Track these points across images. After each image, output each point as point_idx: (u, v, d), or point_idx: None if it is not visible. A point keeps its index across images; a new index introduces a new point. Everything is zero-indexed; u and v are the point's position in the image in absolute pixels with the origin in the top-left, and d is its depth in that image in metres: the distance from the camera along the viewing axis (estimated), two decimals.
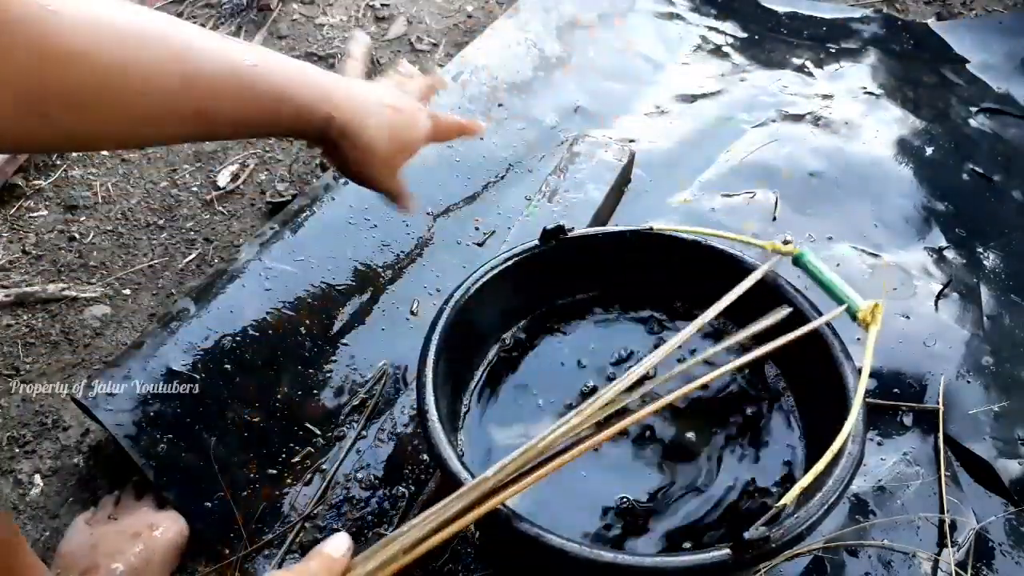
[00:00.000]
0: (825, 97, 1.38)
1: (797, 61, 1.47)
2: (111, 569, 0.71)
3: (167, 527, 0.76)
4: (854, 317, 0.69)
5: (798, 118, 1.33)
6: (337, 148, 0.62)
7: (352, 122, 0.60)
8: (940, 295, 1.04)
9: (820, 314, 0.73)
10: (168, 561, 0.75)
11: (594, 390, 0.78)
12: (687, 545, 0.67)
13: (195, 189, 1.20)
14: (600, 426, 0.62)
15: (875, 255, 1.09)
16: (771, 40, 1.53)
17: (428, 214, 1.11)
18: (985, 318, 1.01)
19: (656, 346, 0.81)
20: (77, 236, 1.12)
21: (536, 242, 0.80)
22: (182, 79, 0.49)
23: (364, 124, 0.61)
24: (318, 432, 0.86)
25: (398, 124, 0.65)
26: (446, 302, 0.73)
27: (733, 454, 0.74)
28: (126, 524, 0.76)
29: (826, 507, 0.58)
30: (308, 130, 0.59)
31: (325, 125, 0.59)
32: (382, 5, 1.58)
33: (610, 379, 0.78)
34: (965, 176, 1.25)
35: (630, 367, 0.75)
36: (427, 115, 0.70)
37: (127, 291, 1.05)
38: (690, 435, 0.75)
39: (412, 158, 0.69)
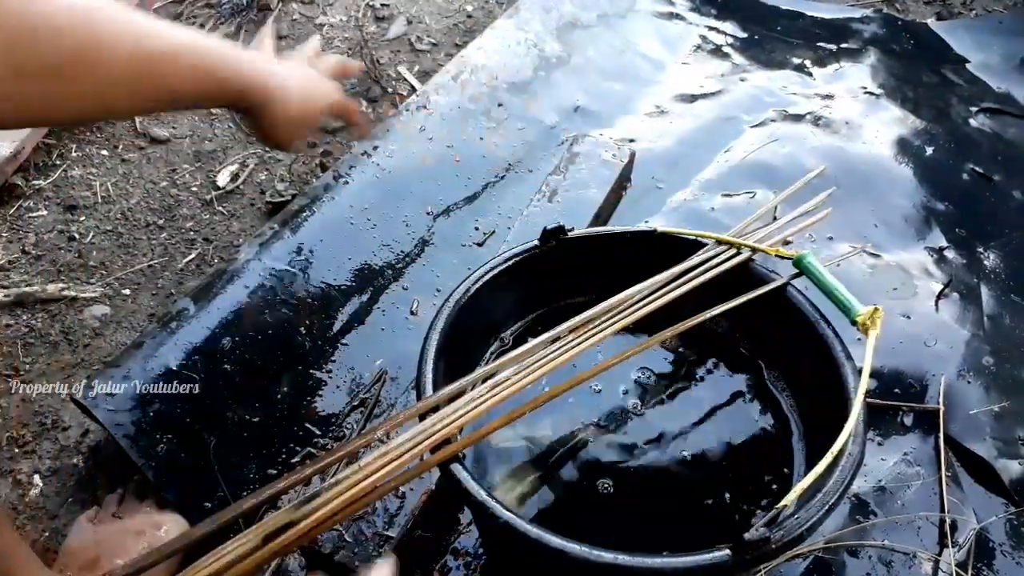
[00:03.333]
0: (825, 97, 1.38)
1: (797, 61, 1.47)
2: (114, 564, 0.71)
3: (171, 527, 0.76)
4: (854, 322, 0.69)
5: (798, 118, 1.33)
6: (252, 114, 0.71)
7: (266, 92, 0.70)
8: (940, 295, 1.04)
9: (825, 319, 0.73)
10: (171, 561, 0.75)
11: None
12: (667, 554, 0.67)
13: (195, 189, 1.20)
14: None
15: (875, 255, 1.09)
16: (771, 40, 1.53)
17: (428, 214, 1.11)
18: (985, 318, 1.01)
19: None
20: (77, 236, 1.12)
21: (536, 242, 0.80)
22: (131, 53, 0.57)
23: (274, 96, 0.71)
24: (318, 432, 0.86)
25: (303, 95, 0.75)
26: (446, 302, 0.73)
27: (733, 454, 0.74)
28: (130, 523, 0.76)
29: (826, 508, 0.58)
30: (227, 98, 0.68)
31: (243, 93, 0.68)
32: (382, 5, 1.58)
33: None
34: (965, 176, 1.25)
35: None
36: (332, 89, 0.81)
37: (127, 291, 1.05)
38: (689, 434, 0.75)
39: (315, 125, 0.79)
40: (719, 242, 0.79)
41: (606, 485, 0.71)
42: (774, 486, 0.72)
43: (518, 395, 0.64)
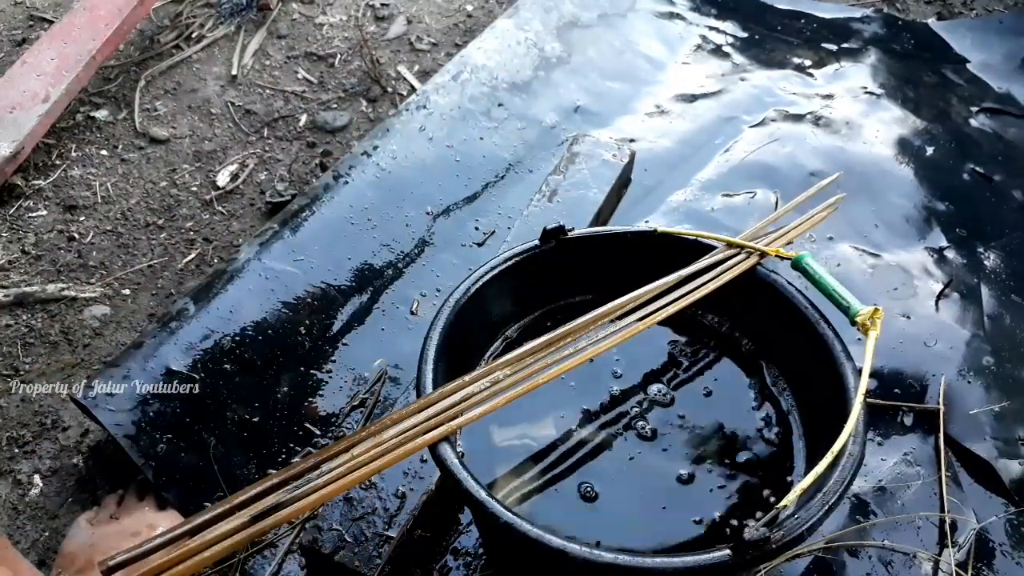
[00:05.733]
0: (825, 97, 1.38)
1: (797, 61, 1.47)
2: None
3: (166, 528, 0.76)
4: (854, 322, 0.69)
5: (798, 118, 1.32)
6: None
7: None
8: (941, 295, 1.04)
9: (825, 319, 0.73)
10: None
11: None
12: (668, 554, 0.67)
13: (195, 189, 1.20)
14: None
15: (876, 255, 1.09)
16: (771, 40, 1.53)
17: (428, 214, 1.11)
18: (986, 318, 1.01)
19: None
20: (76, 236, 1.12)
21: (536, 242, 0.80)
22: None
23: None
24: (318, 432, 0.86)
25: None
26: (446, 302, 0.73)
27: (734, 453, 0.74)
28: (126, 524, 0.76)
29: (827, 507, 0.58)
30: None
31: None
32: (382, 5, 1.58)
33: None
34: (965, 176, 1.25)
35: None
36: None
37: (127, 291, 1.05)
38: (689, 432, 0.75)
39: None
40: (729, 245, 0.79)
41: (606, 485, 0.71)
42: (774, 486, 0.72)
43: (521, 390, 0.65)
